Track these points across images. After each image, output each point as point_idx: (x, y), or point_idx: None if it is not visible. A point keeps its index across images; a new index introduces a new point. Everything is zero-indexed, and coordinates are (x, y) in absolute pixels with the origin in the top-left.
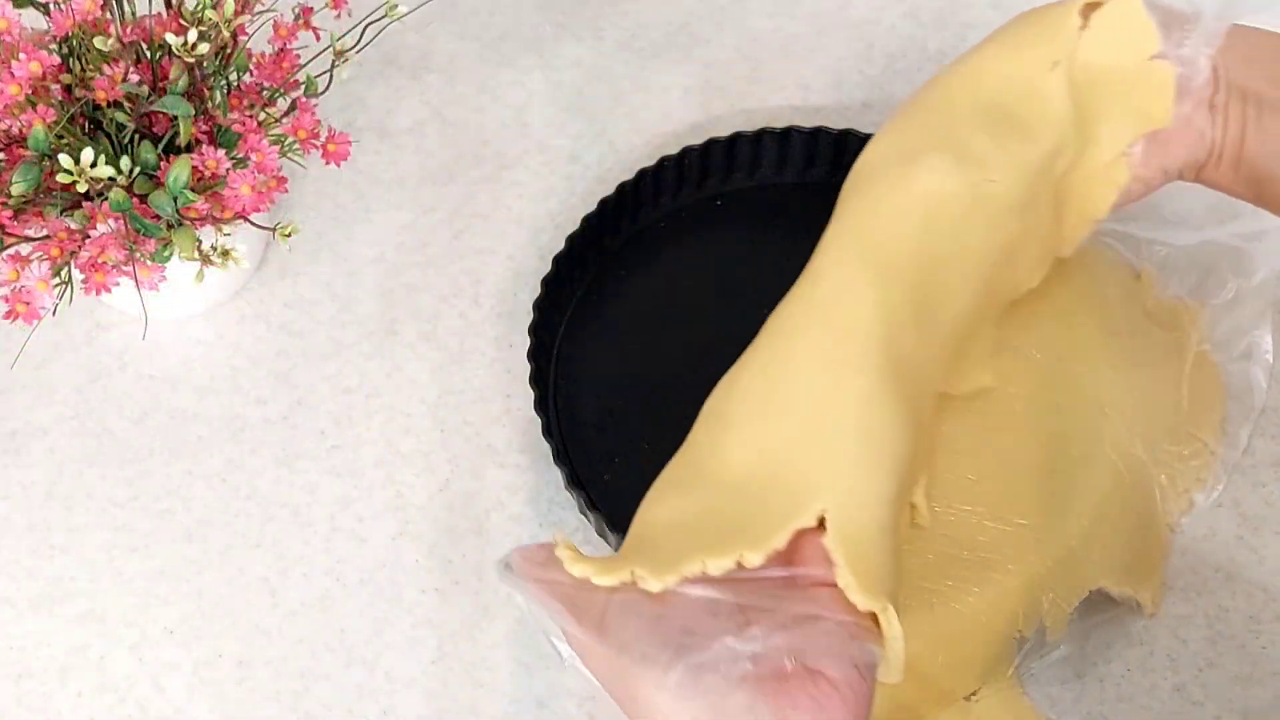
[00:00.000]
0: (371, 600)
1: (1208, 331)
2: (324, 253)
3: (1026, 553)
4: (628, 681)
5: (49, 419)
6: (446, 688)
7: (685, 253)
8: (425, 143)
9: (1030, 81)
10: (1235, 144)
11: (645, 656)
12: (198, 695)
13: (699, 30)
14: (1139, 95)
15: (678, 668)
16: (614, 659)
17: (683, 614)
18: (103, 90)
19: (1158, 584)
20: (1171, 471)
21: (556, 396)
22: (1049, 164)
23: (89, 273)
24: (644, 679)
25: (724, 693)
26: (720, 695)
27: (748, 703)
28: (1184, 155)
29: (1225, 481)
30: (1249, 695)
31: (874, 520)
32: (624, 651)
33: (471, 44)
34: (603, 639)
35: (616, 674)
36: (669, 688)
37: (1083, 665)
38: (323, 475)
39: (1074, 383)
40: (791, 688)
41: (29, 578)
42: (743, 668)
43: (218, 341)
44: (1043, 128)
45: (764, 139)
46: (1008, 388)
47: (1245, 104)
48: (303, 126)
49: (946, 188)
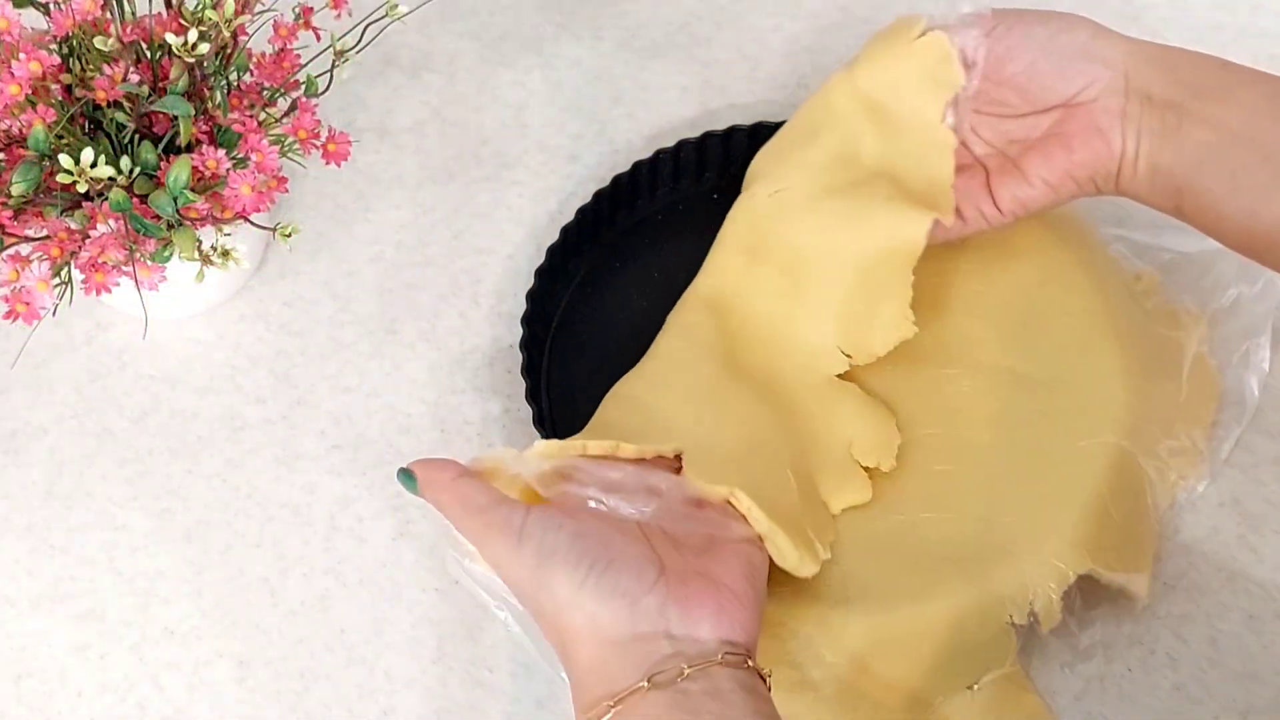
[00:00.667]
0: (371, 600)
1: (1207, 334)
2: (324, 252)
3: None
4: (549, 586)
5: (49, 419)
6: (446, 688)
7: (681, 245)
8: (425, 142)
9: (824, 90)
10: (1151, 153)
11: (567, 563)
12: (198, 695)
13: (699, 30)
14: (924, 68)
15: (597, 572)
16: (534, 567)
17: (598, 530)
18: (103, 90)
19: (1148, 573)
20: (1160, 465)
21: (550, 386)
22: (841, 152)
23: (89, 273)
24: (565, 583)
25: (638, 595)
26: (634, 598)
27: (658, 604)
28: (1091, 162)
29: (1209, 482)
30: (1250, 694)
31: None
32: (547, 559)
33: (471, 44)
34: (521, 549)
35: (536, 580)
36: (589, 589)
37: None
38: (323, 475)
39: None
40: (695, 592)
41: (29, 578)
42: (653, 574)
43: (218, 341)
44: (826, 127)
45: (760, 132)
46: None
47: (1165, 113)
48: (303, 126)
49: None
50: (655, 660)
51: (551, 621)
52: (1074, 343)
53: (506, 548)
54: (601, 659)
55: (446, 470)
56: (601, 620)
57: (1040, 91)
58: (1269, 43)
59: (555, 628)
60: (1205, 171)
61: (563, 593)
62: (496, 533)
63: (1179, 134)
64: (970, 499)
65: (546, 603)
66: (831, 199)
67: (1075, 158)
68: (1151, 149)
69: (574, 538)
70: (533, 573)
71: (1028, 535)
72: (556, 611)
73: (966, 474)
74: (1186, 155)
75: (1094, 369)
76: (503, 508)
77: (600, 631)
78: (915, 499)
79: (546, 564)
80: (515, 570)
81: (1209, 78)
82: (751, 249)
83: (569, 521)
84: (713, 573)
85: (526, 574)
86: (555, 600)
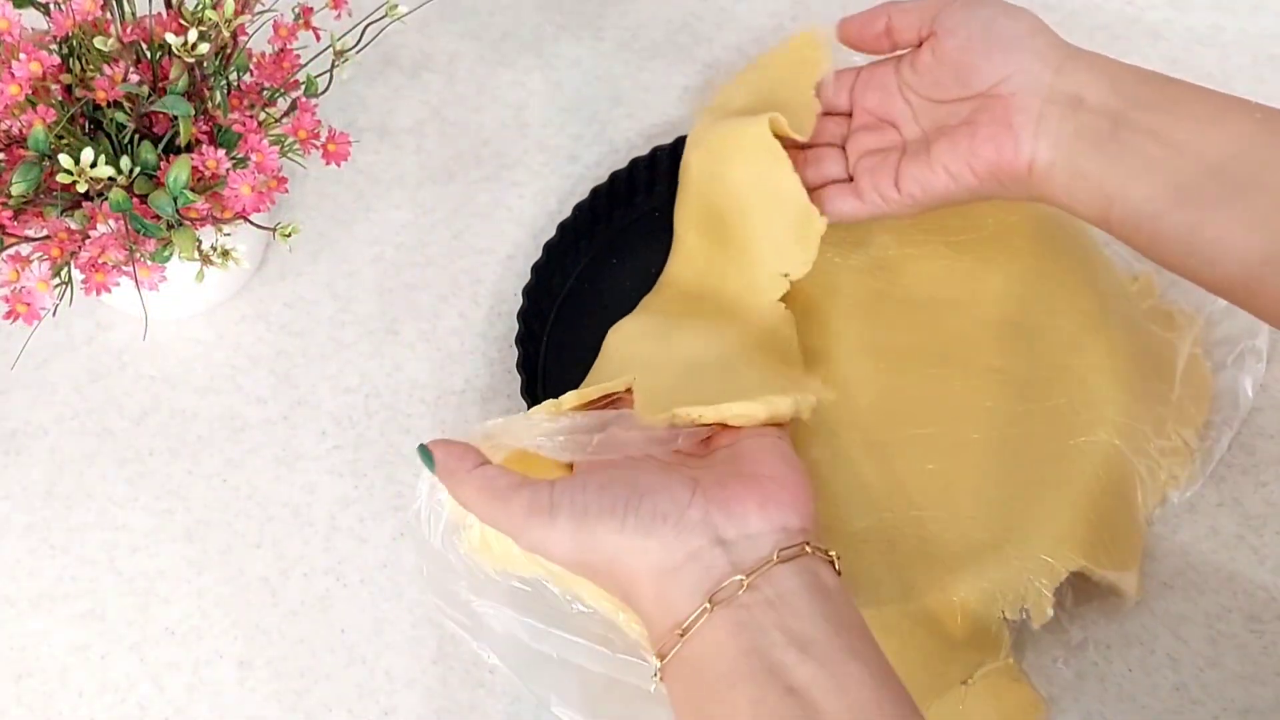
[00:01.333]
0: (371, 600)
1: (1202, 335)
2: (324, 253)
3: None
4: (593, 545)
5: (49, 419)
6: (446, 688)
7: None
8: (425, 142)
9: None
10: (1076, 159)
11: (602, 513)
12: (198, 695)
13: (699, 30)
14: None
15: (633, 509)
16: (574, 533)
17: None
18: (103, 90)
19: (1137, 571)
20: (1151, 464)
21: (545, 383)
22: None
23: (89, 273)
24: (607, 532)
25: (680, 514)
26: (677, 518)
27: (701, 515)
28: (991, 157)
29: (1201, 481)
30: (1250, 695)
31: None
32: (581, 519)
33: (471, 44)
34: (555, 521)
35: (580, 545)
36: (631, 527)
37: (1074, 659)
38: (323, 475)
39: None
40: (735, 491)
41: (29, 577)
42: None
43: (218, 341)
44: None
45: None
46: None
47: (1097, 120)
48: (303, 126)
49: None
50: (714, 578)
51: (608, 578)
52: (1066, 343)
53: (542, 526)
54: (661, 591)
55: (466, 459)
56: (652, 552)
57: (969, 74)
58: (1269, 43)
59: (614, 582)
60: (1143, 183)
61: (609, 542)
62: (529, 515)
63: (1114, 143)
64: (962, 497)
65: (598, 561)
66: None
67: (977, 147)
68: (1076, 154)
69: (601, 489)
70: (574, 539)
71: (1019, 532)
72: (609, 565)
73: (958, 472)
74: (1122, 166)
75: (1086, 369)
76: (526, 489)
77: (655, 564)
78: (907, 497)
79: (583, 524)
80: (557, 544)
81: (1152, 90)
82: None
83: (591, 478)
84: (744, 470)
85: (569, 542)
86: (604, 554)
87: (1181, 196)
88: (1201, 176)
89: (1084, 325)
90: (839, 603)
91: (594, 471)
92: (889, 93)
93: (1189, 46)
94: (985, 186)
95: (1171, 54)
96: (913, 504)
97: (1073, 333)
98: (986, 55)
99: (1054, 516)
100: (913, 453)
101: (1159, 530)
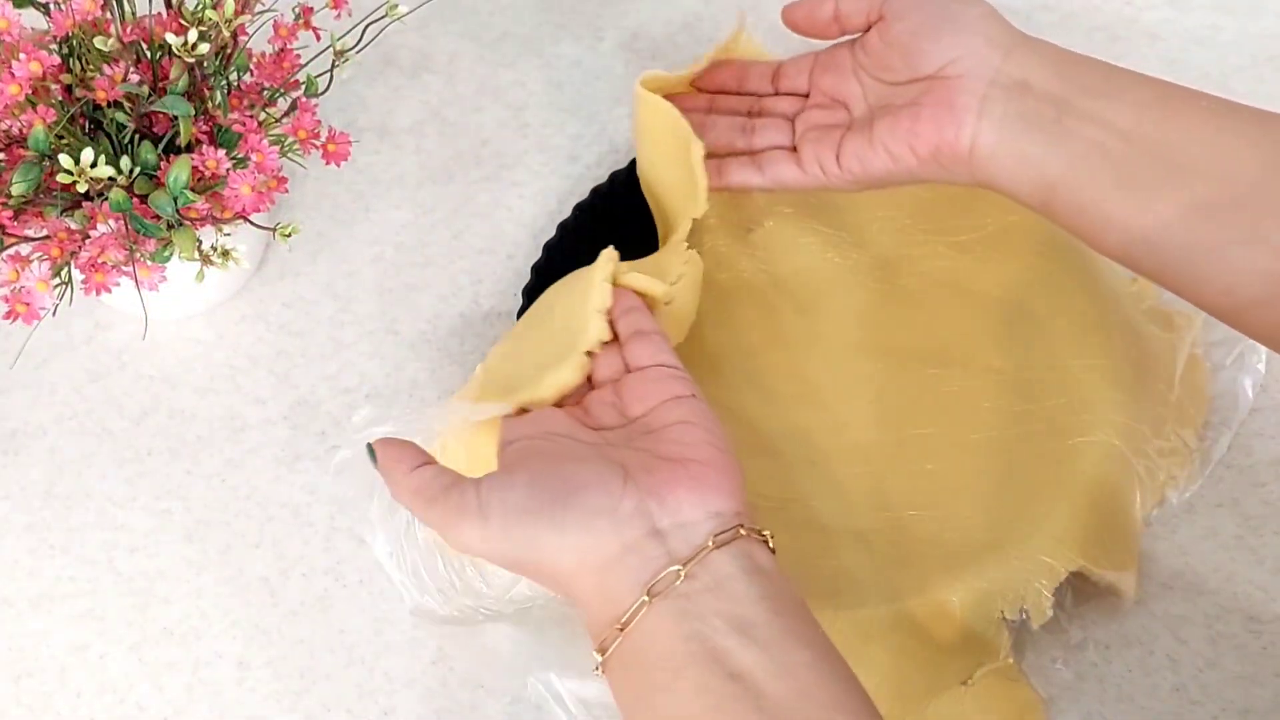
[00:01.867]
0: (371, 600)
1: (1201, 336)
2: (324, 253)
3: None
4: (528, 545)
5: (49, 419)
6: (446, 688)
7: None
8: (425, 143)
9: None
10: (1020, 144)
11: (534, 513)
12: (197, 695)
13: (699, 30)
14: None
15: (566, 506)
16: (506, 535)
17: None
18: (103, 90)
19: (1135, 572)
20: (1150, 464)
21: None
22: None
23: (89, 273)
24: (541, 532)
25: (614, 508)
26: (611, 511)
27: (635, 505)
28: (933, 137)
29: (1199, 482)
30: (1249, 695)
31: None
32: (515, 521)
33: (471, 44)
34: (488, 524)
35: (514, 545)
36: (568, 526)
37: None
38: (323, 476)
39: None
40: (664, 478)
41: (29, 577)
42: (619, 481)
43: (218, 341)
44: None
45: None
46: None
47: (1042, 105)
48: (303, 126)
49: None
50: (652, 569)
51: (545, 575)
52: (1066, 343)
53: (474, 529)
54: (599, 585)
55: (404, 460)
56: (588, 548)
57: (917, 58)
58: (1269, 43)
59: (551, 578)
60: (1087, 167)
61: (542, 541)
62: (460, 518)
63: (1058, 128)
64: (961, 497)
65: (533, 560)
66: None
67: (919, 129)
68: (1019, 138)
69: (530, 486)
70: (507, 540)
71: (1019, 532)
72: (545, 563)
73: (957, 472)
74: (1066, 150)
75: (1085, 369)
76: (455, 492)
77: (591, 559)
78: (906, 497)
79: (516, 525)
80: (491, 546)
81: (1097, 77)
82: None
83: (518, 474)
84: (670, 452)
85: (504, 544)
86: (541, 552)
87: (1123, 181)
88: (1145, 161)
89: (1083, 325)
90: (777, 584)
91: (519, 466)
92: (844, 74)
93: (1187, 47)
94: (926, 168)
95: (1170, 54)
96: (912, 504)
97: (1072, 333)
98: (935, 39)
99: (1053, 516)
100: (912, 453)
101: (1158, 531)
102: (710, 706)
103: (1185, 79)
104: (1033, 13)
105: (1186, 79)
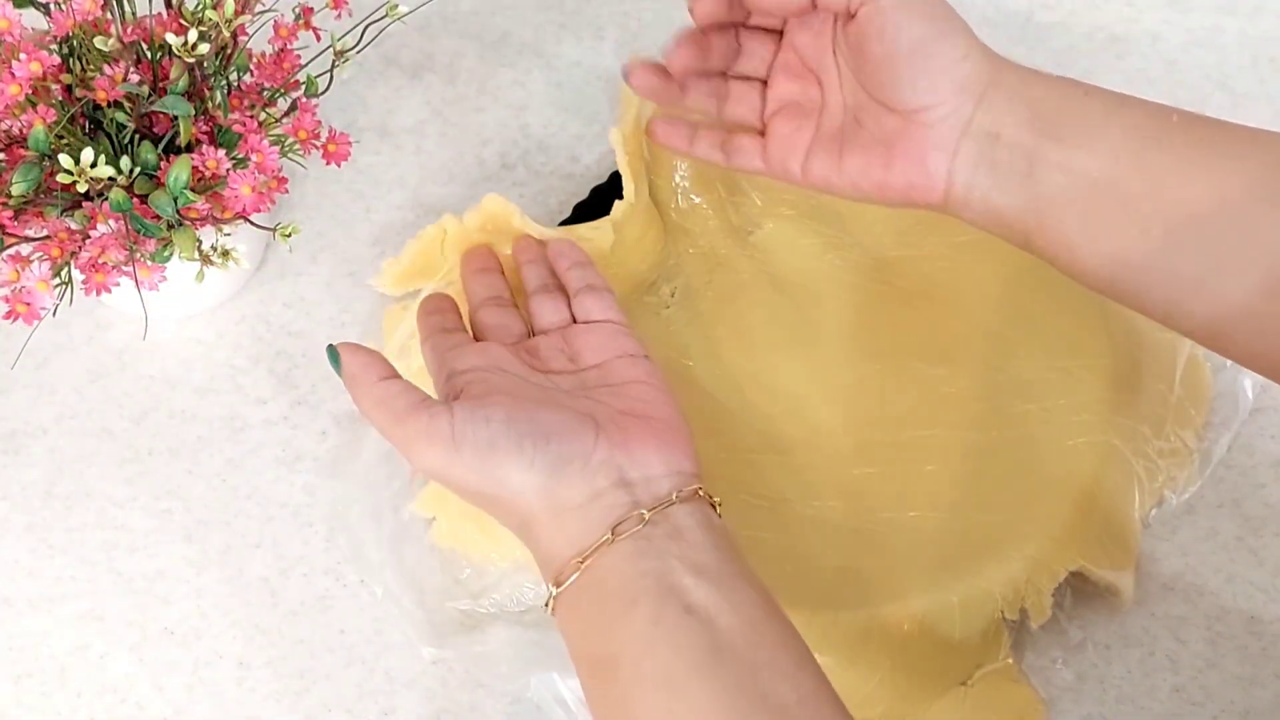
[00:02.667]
0: (371, 600)
1: None
2: (324, 253)
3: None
4: (498, 479)
5: (49, 419)
6: (446, 688)
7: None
8: (425, 143)
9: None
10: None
11: (509, 451)
12: (198, 695)
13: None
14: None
15: (540, 449)
16: (478, 467)
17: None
18: (103, 90)
19: (1133, 572)
20: (1150, 465)
21: None
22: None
23: (89, 273)
24: (513, 469)
25: (586, 456)
26: (584, 460)
27: (606, 456)
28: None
29: (1199, 483)
30: (1249, 696)
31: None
32: (488, 454)
33: (471, 44)
34: (460, 452)
35: (483, 478)
36: (539, 468)
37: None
38: (323, 476)
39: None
40: (635, 433)
41: (29, 578)
42: (592, 432)
43: (218, 341)
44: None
45: None
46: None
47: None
48: (303, 127)
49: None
50: (617, 514)
51: (507, 509)
52: (1066, 343)
53: (442, 454)
54: (562, 525)
55: (371, 370)
56: (558, 492)
57: (891, 89)
58: (1270, 44)
59: (512, 513)
60: (1057, 216)
61: (514, 479)
62: (429, 442)
63: (1029, 180)
64: (960, 497)
65: (496, 492)
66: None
67: (890, 179)
68: (991, 192)
69: (506, 424)
70: (478, 473)
71: (1018, 533)
72: (512, 499)
73: (956, 473)
74: (1036, 201)
75: (1085, 369)
76: (425, 413)
77: (558, 501)
78: (904, 498)
79: (489, 459)
80: (455, 473)
81: (1071, 120)
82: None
83: (495, 408)
84: (635, 410)
85: (472, 475)
86: (508, 488)
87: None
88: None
89: (1083, 325)
90: (729, 539)
91: (491, 402)
92: (823, 41)
93: (1188, 48)
94: (895, 205)
95: (1170, 55)
96: (911, 504)
97: (1072, 333)
98: (910, 80)
99: (1053, 517)
100: (911, 453)
101: (1158, 532)
102: (663, 637)
103: (1186, 79)
104: (1033, 12)
105: (1187, 79)
